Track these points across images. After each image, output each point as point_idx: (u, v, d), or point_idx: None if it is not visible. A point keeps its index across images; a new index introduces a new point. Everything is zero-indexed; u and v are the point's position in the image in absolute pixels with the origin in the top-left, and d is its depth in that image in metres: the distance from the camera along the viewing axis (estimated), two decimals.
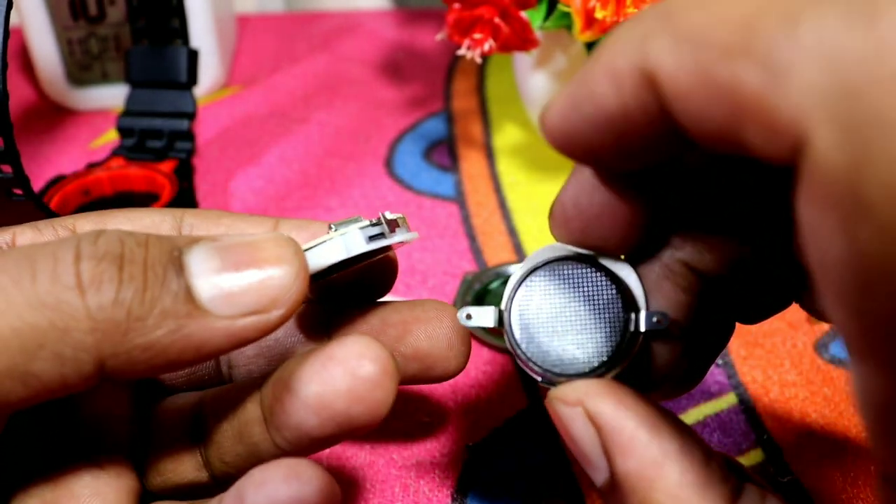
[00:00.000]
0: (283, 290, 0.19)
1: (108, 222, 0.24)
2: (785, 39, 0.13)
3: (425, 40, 0.60)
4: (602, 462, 0.18)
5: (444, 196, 0.45)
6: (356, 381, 0.19)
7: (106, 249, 0.18)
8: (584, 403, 0.19)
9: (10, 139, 0.31)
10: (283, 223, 0.25)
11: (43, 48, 0.50)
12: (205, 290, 0.18)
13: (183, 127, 0.42)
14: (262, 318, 0.19)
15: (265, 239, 0.19)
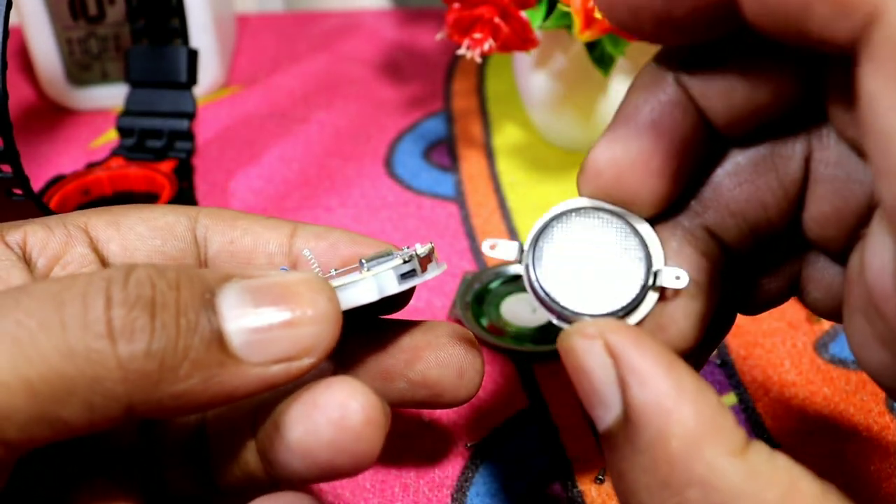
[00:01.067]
0: (316, 338, 0.19)
1: (122, 222, 0.24)
2: None
3: (425, 40, 0.60)
4: (615, 396, 0.18)
5: (444, 196, 0.45)
6: (339, 433, 0.19)
7: (137, 293, 0.17)
8: (603, 336, 0.18)
9: (10, 139, 0.31)
10: (301, 230, 0.25)
11: (43, 48, 0.50)
12: (237, 337, 0.18)
13: (183, 127, 0.42)
14: (294, 364, 0.19)
15: (299, 281, 0.19)
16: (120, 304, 0.17)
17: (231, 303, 0.18)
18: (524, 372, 0.34)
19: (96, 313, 0.17)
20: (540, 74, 0.44)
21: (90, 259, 0.23)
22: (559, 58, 0.43)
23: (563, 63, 0.43)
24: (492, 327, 0.36)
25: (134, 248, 0.24)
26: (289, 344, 0.18)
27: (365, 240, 0.25)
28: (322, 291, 0.19)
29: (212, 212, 0.25)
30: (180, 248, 0.24)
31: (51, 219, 0.23)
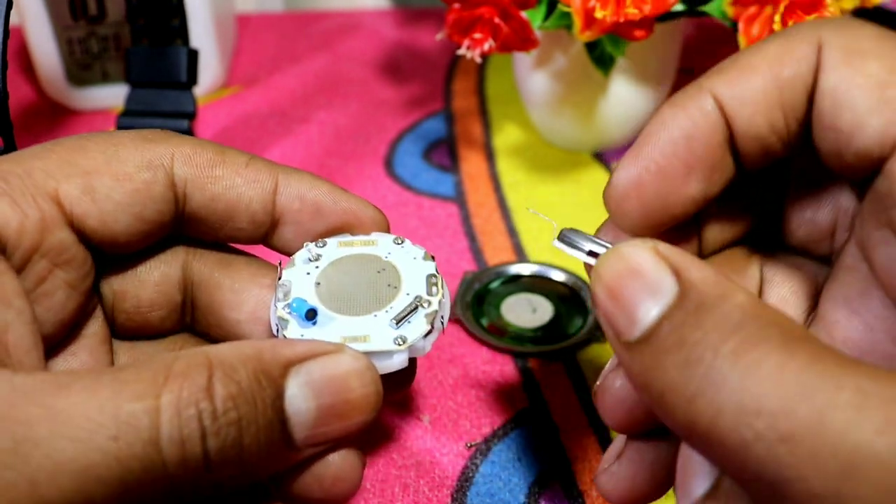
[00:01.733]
0: (360, 425, 0.21)
1: (96, 187, 0.22)
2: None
3: (425, 40, 0.60)
4: (669, 280, 0.18)
5: (444, 196, 0.45)
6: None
7: (228, 420, 0.18)
8: (655, 245, 0.19)
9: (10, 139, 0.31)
10: (283, 186, 0.25)
11: (43, 48, 0.50)
12: (300, 433, 0.20)
13: (183, 127, 0.42)
14: (334, 448, 0.21)
15: (351, 374, 0.21)
16: (214, 437, 0.18)
17: (297, 401, 0.20)
18: (524, 372, 0.34)
19: (194, 451, 0.18)
20: (540, 74, 0.44)
21: (69, 243, 0.22)
22: (559, 58, 0.43)
23: (563, 63, 0.43)
24: (492, 327, 0.36)
25: (113, 221, 0.23)
26: (338, 434, 0.21)
27: (347, 199, 0.25)
28: (371, 384, 0.21)
29: (188, 157, 0.24)
30: (159, 211, 0.24)
31: (15, 188, 0.21)
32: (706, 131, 0.21)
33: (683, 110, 0.21)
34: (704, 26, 0.59)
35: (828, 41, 0.20)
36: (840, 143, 0.19)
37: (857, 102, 0.19)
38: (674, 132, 0.21)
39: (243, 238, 0.25)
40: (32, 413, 0.17)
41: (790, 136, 0.20)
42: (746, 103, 0.20)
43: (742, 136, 0.21)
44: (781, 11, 0.36)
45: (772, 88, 0.20)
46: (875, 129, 0.18)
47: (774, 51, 0.20)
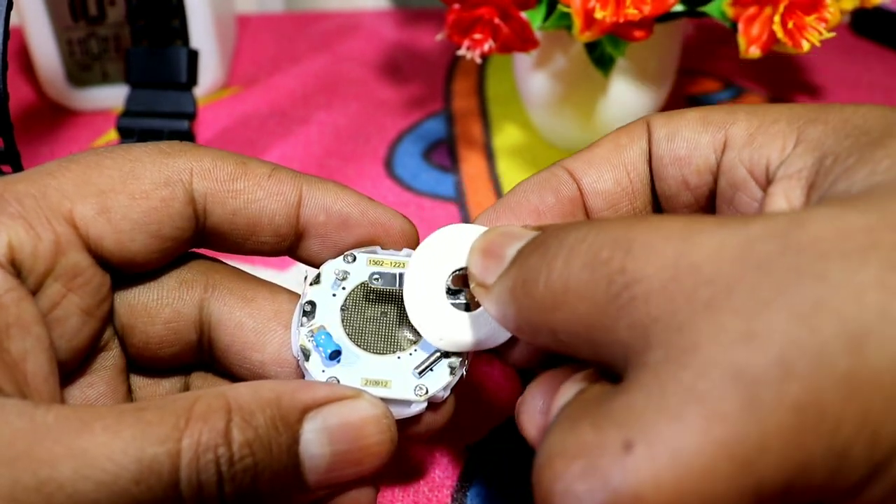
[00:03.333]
0: (373, 471, 0.21)
1: (112, 207, 0.22)
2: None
3: (425, 40, 0.60)
4: (533, 232, 0.20)
5: (444, 196, 0.45)
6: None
7: (244, 466, 0.19)
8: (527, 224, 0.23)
9: (11, 139, 0.31)
10: (307, 198, 0.24)
11: (43, 48, 0.50)
12: (313, 477, 0.20)
13: (183, 127, 0.42)
14: (346, 488, 0.21)
15: (367, 421, 0.21)
16: (230, 482, 0.19)
17: (312, 449, 0.20)
18: (524, 372, 0.34)
19: (210, 494, 0.18)
20: (540, 75, 0.44)
21: (84, 266, 0.22)
22: (559, 58, 0.43)
23: (563, 64, 0.43)
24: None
25: (130, 241, 0.22)
26: (351, 478, 0.21)
27: (375, 210, 0.25)
28: (387, 431, 0.21)
29: (207, 171, 0.23)
30: (178, 228, 0.23)
31: (30, 210, 0.21)
32: (555, 184, 0.24)
33: (537, 175, 0.25)
34: (704, 27, 0.59)
35: (653, 116, 0.24)
36: (682, 167, 0.23)
37: (688, 133, 0.23)
38: (527, 186, 0.25)
39: (267, 251, 0.25)
40: (56, 452, 0.17)
41: (634, 193, 0.24)
42: (592, 165, 0.24)
43: (591, 191, 0.24)
44: (781, 12, 0.36)
45: (613, 153, 0.24)
46: (706, 142, 0.23)
47: (613, 133, 0.25)
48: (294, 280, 0.39)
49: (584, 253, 0.18)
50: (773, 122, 0.21)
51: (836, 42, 0.40)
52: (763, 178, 0.21)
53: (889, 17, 0.58)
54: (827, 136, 0.20)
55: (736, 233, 0.16)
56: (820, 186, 0.19)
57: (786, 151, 0.21)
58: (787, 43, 0.36)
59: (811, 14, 0.36)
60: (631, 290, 0.17)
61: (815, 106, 0.21)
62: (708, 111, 0.23)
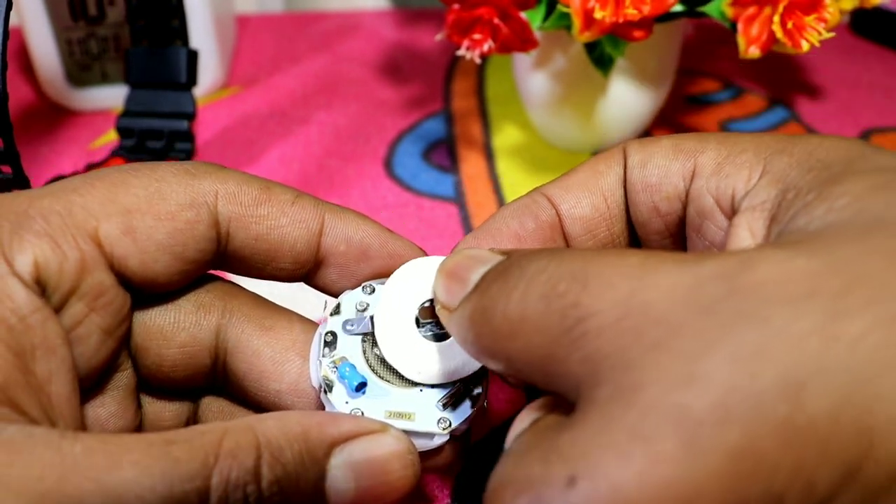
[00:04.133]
0: (396, 501, 0.21)
1: (137, 227, 0.22)
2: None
3: (425, 41, 0.60)
4: (499, 256, 0.21)
5: (444, 197, 0.45)
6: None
7: (273, 502, 0.19)
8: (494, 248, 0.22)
9: (10, 140, 0.31)
10: (329, 226, 0.24)
11: (42, 49, 0.50)
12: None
13: (182, 127, 0.42)
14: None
15: (392, 457, 0.21)
16: None
17: (337, 485, 0.20)
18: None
19: None
20: (539, 75, 0.44)
21: (108, 286, 0.21)
22: (559, 58, 0.43)
23: (563, 64, 0.43)
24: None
25: (153, 261, 0.22)
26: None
27: (394, 242, 0.25)
28: (411, 466, 0.21)
29: (232, 195, 0.23)
30: (201, 251, 0.23)
31: (56, 228, 0.21)
32: (534, 210, 0.25)
33: (517, 201, 0.25)
34: (704, 27, 0.59)
35: (630, 143, 0.24)
36: (653, 194, 0.23)
37: (659, 160, 0.23)
38: (507, 212, 0.25)
39: (284, 277, 0.25)
40: (86, 488, 0.17)
41: (612, 219, 0.24)
42: (570, 191, 0.25)
43: (568, 216, 0.24)
44: (780, 12, 0.36)
45: (590, 179, 0.24)
46: (676, 169, 0.23)
47: (591, 160, 0.25)
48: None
49: (542, 284, 0.18)
50: (741, 152, 0.22)
51: (836, 42, 0.40)
52: (729, 208, 0.21)
53: (889, 17, 0.58)
54: (791, 168, 0.20)
55: (687, 273, 0.16)
56: (780, 220, 0.19)
57: (751, 182, 0.21)
58: (786, 43, 0.36)
59: (810, 14, 0.36)
60: (584, 325, 0.17)
61: (784, 137, 0.21)
62: (681, 139, 0.23)
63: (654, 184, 0.23)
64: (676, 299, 0.16)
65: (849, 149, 0.20)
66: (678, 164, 0.23)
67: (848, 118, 0.51)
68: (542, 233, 0.25)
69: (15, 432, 0.17)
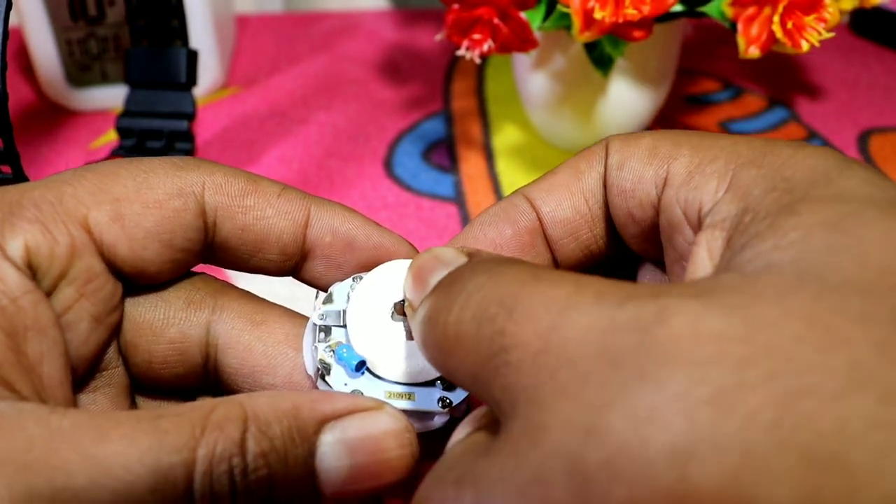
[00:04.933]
0: (390, 484, 0.21)
1: (126, 215, 0.22)
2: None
3: (425, 41, 0.60)
4: (462, 257, 0.21)
5: (444, 197, 0.45)
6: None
7: (258, 476, 0.18)
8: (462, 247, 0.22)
9: (10, 140, 0.31)
10: (315, 219, 0.24)
11: (42, 49, 0.50)
12: (331, 493, 0.20)
13: (182, 127, 0.42)
14: (361, 497, 0.21)
15: (388, 435, 0.21)
16: (243, 495, 0.18)
17: (329, 461, 0.20)
18: None
19: (224, 502, 0.18)
20: (539, 75, 0.44)
21: (98, 271, 0.22)
22: (558, 59, 0.43)
23: (563, 64, 0.43)
24: None
25: (142, 248, 0.22)
26: (369, 490, 0.21)
27: (380, 235, 0.25)
28: (409, 445, 0.21)
29: (219, 186, 0.24)
30: (189, 239, 0.23)
31: (47, 215, 0.21)
32: (514, 215, 0.24)
33: (498, 205, 0.25)
34: (704, 27, 0.59)
35: (612, 139, 0.23)
36: (627, 200, 0.23)
37: (635, 164, 0.22)
38: (486, 217, 0.25)
39: (272, 269, 0.25)
40: (72, 459, 0.17)
41: (593, 220, 0.24)
42: (551, 192, 0.24)
43: (550, 219, 0.24)
44: (780, 12, 0.36)
45: (571, 179, 0.24)
46: (650, 175, 0.22)
47: (575, 158, 0.24)
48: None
49: (476, 305, 0.18)
50: (712, 161, 0.21)
51: (836, 42, 0.40)
52: (696, 222, 0.21)
53: (888, 17, 0.58)
54: (756, 184, 0.19)
55: (605, 316, 0.16)
56: (734, 245, 0.18)
57: (717, 195, 0.20)
58: (786, 43, 0.36)
59: (810, 14, 0.36)
60: (506, 355, 0.17)
61: (760, 144, 0.20)
62: (659, 139, 0.22)
63: (629, 189, 0.23)
64: (590, 342, 0.16)
65: (816, 167, 0.19)
66: (651, 170, 0.22)
67: (848, 118, 0.51)
68: (520, 239, 0.24)
69: (5, 407, 0.18)
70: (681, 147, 0.22)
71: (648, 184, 0.22)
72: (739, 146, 0.21)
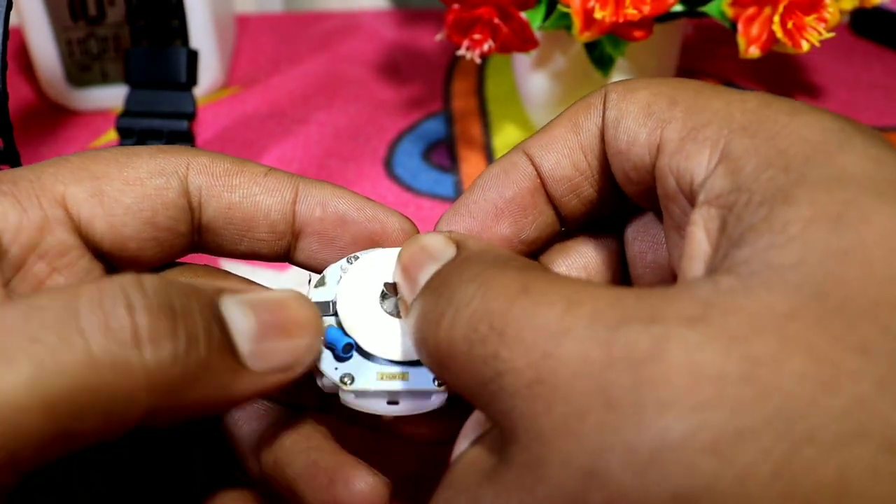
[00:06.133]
0: (307, 349, 0.20)
1: (105, 191, 0.22)
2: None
3: (425, 41, 0.60)
4: (450, 248, 0.20)
5: (444, 197, 0.45)
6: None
7: (158, 301, 0.17)
8: (449, 232, 0.22)
9: (10, 140, 0.31)
10: (304, 194, 0.24)
11: (42, 49, 0.50)
12: (245, 346, 0.19)
13: (182, 127, 0.42)
14: (287, 374, 0.20)
15: (290, 298, 0.20)
16: (143, 311, 0.17)
17: (237, 317, 0.19)
18: None
19: (120, 321, 0.17)
20: (539, 75, 0.44)
21: (71, 245, 0.21)
22: (559, 58, 0.43)
23: (563, 64, 0.43)
24: None
25: (122, 225, 0.22)
26: (286, 354, 0.20)
27: (372, 208, 0.25)
28: (310, 308, 0.21)
29: (204, 166, 0.24)
30: (172, 218, 0.23)
31: (21, 190, 0.21)
32: (514, 177, 0.24)
33: (497, 164, 0.24)
34: (704, 27, 0.59)
35: (611, 89, 0.22)
36: (623, 162, 0.22)
37: (630, 123, 0.21)
38: (486, 181, 0.24)
39: (265, 252, 0.24)
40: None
41: (594, 175, 0.23)
42: (550, 150, 0.23)
43: (550, 178, 0.23)
44: (780, 12, 0.36)
45: (570, 135, 0.23)
46: (644, 138, 0.21)
47: (572, 108, 0.23)
48: (293, 281, 0.39)
49: (466, 322, 0.17)
50: (705, 126, 0.19)
51: (836, 42, 0.40)
52: (689, 193, 0.20)
53: (889, 17, 0.58)
54: (749, 157, 0.18)
55: (599, 344, 0.15)
56: (729, 232, 0.17)
57: (709, 166, 0.19)
58: (786, 43, 0.36)
59: (810, 14, 0.36)
60: (501, 381, 0.16)
61: (756, 104, 0.19)
62: (656, 94, 0.21)
63: (624, 150, 0.21)
64: (584, 377, 0.15)
65: (812, 139, 0.17)
66: (645, 133, 0.21)
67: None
68: (522, 200, 0.24)
69: None
70: (675, 106, 0.20)
71: (642, 148, 0.21)
72: (733, 107, 0.19)
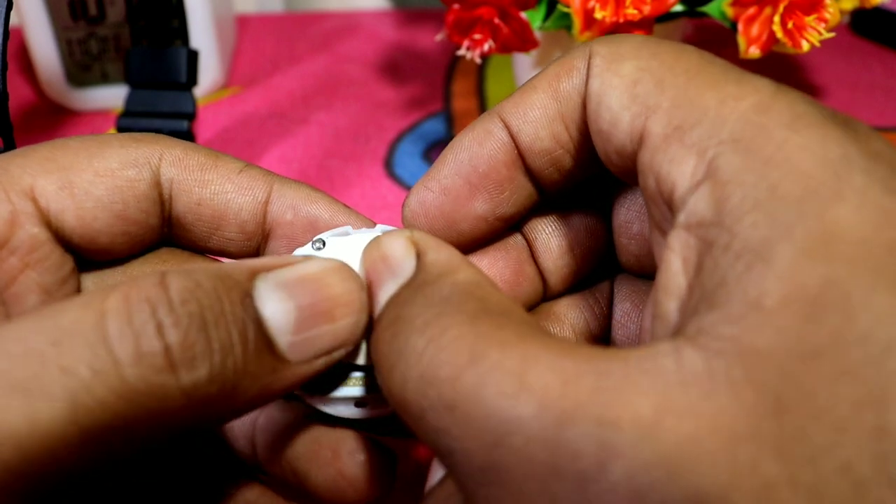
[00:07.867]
0: (353, 328, 0.19)
1: (76, 183, 0.21)
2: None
3: (425, 41, 0.60)
4: (410, 261, 0.19)
5: None
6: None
7: (187, 311, 0.16)
8: (412, 233, 0.20)
9: (10, 140, 0.31)
10: (276, 196, 0.23)
11: (43, 49, 0.50)
12: (283, 339, 0.18)
13: (183, 128, 0.42)
14: (331, 358, 0.19)
15: (329, 271, 0.19)
16: (173, 328, 0.16)
17: (272, 305, 0.18)
18: None
19: (151, 344, 0.16)
20: None
21: (42, 239, 0.21)
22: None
23: None
24: None
25: (92, 218, 0.21)
26: (329, 339, 0.19)
27: (347, 216, 0.24)
28: (352, 279, 0.19)
29: (177, 159, 0.23)
30: (143, 210, 0.22)
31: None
32: (489, 149, 0.21)
33: (471, 132, 0.22)
34: (704, 27, 0.59)
35: (596, 51, 0.20)
36: (605, 143, 0.19)
37: (612, 102, 0.19)
38: (459, 153, 0.22)
39: (234, 251, 0.24)
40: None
41: (576, 148, 0.21)
42: (528, 120, 0.21)
43: (529, 151, 0.21)
44: (781, 12, 0.36)
45: (550, 102, 0.21)
46: (626, 124, 0.18)
47: (553, 69, 0.21)
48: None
49: (416, 383, 0.16)
50: (692, 127, 0.17)
51: (836, 42, 0.40)
52: (669, 201, 0.17)
53: (889, 17, 0.58)
54: (737, 185, 0.15)
55: (546, 449, 0.14)
56: (704, 283, 0.15)
57: (693, 178, 0.16)
58: (786, 43, 0.36)
59: (811, 14, 0.36)
60: (454, 458, 0.15)
61: (752, 108, 0.16)
62: (644, 69, 0.18)
63: (605, 131, 0.19)
64: (532, 479, 0.14)
65: (808, 171, 0.15)
66: (628, 118, 0.18)
67: None
68: (498, 175, 0.22)
69: None
70: (663, 92, 0.18)
71: (624, 134, 0.18)
72: (727, 107, 0.17)
